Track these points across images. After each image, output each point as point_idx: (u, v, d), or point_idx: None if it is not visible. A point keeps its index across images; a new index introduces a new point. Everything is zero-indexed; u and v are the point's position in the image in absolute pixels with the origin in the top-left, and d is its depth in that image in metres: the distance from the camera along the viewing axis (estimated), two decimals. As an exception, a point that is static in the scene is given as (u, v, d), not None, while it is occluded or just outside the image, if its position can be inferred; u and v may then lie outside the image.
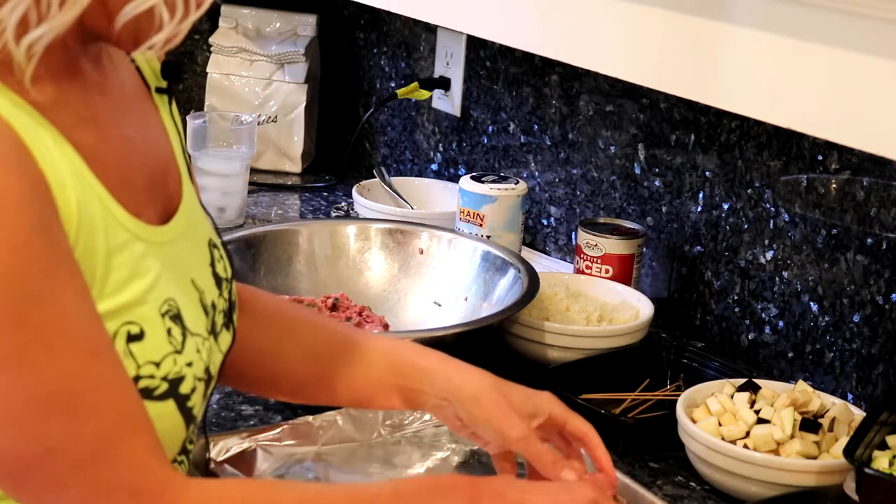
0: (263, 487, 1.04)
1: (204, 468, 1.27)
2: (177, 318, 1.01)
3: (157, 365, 0.98)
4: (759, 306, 1.70)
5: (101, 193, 0.96)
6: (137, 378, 0.97)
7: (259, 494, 0.98)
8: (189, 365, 1.01)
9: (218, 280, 1.12)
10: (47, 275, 0.88)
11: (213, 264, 1.12)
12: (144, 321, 0.98)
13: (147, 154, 1.07)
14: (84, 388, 0.90)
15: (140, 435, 0.93)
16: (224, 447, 1.28)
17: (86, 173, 0.96)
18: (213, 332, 1.08)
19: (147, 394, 0.97)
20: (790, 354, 1.66)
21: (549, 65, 2.00)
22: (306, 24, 2.43)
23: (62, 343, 0.89)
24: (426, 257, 1.76)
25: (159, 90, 1.13)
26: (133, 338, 0.97)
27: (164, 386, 0.99)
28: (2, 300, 0.86)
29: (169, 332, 1.00)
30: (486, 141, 2.17)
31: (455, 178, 2.05)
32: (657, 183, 1.84)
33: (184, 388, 1.00)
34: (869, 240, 1.54)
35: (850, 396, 1.57)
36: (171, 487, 0.93)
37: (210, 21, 2.51)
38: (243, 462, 1.28)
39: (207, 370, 1.05)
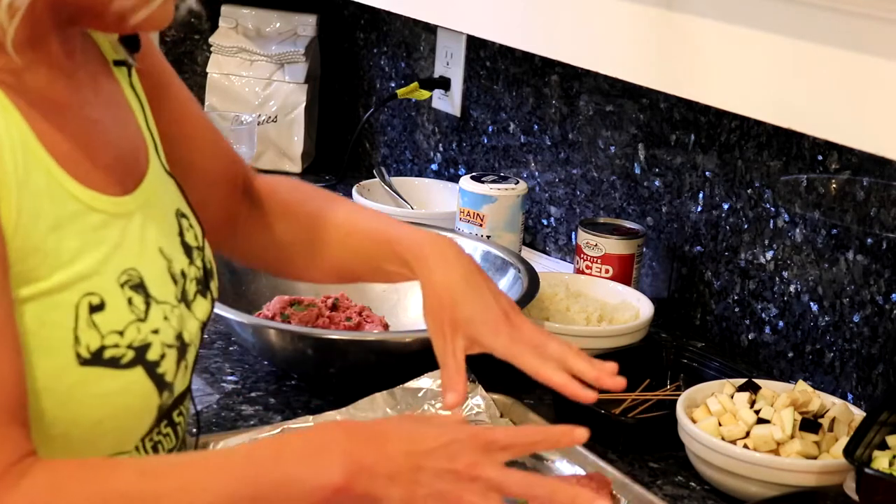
0: (99, 466, 0.95)
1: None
2: (139, 286, 1.01)
3: (121, 334, 0.98)
4: (759, 306, 1.70)
5: (48, 164, 0.97)
6: (103, 348, 0.97)
7: (94, 473, 0.93)
8: (155, 332, 1.01)
9: (188, 249, 1.12)
10: None
11: (181, 233, 1.12)
12: (104, 291, 0.98)
13: (114, 135, 1.07)
14: None
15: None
16: (224, 447, 1.28)
17: (32, 143, 0.96)
18: (183, 300, 1.08)
19: (114, 363, 0.97)
20: (790, 354, 1.66)
21: (549, 65, 2.00)
22: (306, 24, 2.43)
23: None
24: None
25: (117, 63, 1.12)
26: (95, 308, 0.97)
27: (130, 354, 0.99)
28: None
29: (130, 301, 1.00)
30: (486, 141, 2.17)
31: (455, 178, 2.05)
32: (657, 183, 1.84)
33: (151, 355, 1.00)
34: (869, 240, 1.54)
35: (850, 396, 1.57)
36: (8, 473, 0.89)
37: (210, 21, 2.51)
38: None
39: (180, 337, 1.04)
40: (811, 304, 1.63)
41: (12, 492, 0.89)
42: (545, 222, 2.07)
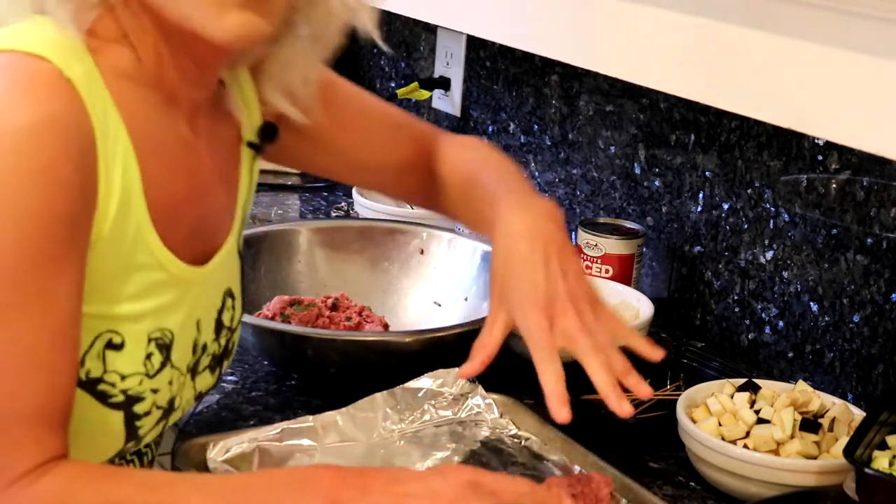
0: (108, 476, 0.98)
1: (203, 468, 1.27)
2: (165, 347, 1.04)
3: (123, 378, 1.01)
4: (759, 306, 1.70)
5: (142, 213, 0.99)
6: (99, 380, 0.99)
7: (102, 482, 0.95)
8: (154, 391, 1.04)
9: (219, 326, 1.14)
10: (54, 259, 0.90)
11: (221, 310, 1.14)
12: (130, 336, 1.00)
13: (206, 205, 1.09)
14: (26, 364, 0.91)
15: (43, 424, 0.93)
16: (224, 447, 1.28)
17: (138, 196, 0.98)
18: (192, 370, 1.11)
19: (102, 397, 1.00)
20: (790, 354, 1.66)
21: (549, 65, 2.00)
22: (306, 24, 2.43)
23: (36, 314, 0.91)
24: (426, 257, 1.76)
25: (250, 144, 1.16)
26: (112, 346, 1.00)
27: (121, 397, 1.01)
28: (11, 252, 0.89)
29: (149, 356, 1.03)
30: (486, 141, 2.17)
31: (455, 178, 2.05)
32: (657, 183, 1.84)
33: (138, 408, 1.03)
34: (869, 240, 1.53)
35: (850, 396, 1.57)
36: (23, 478, 0.92)
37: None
38: (243, 462, 1.28)
39: (171, 401, 1.07)
40: (811, 304, 1.63)
41: (28, 490, 0.91)
42: (545, 222, 2.06)
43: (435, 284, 1.74)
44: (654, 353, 1.11)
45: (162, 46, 1.01)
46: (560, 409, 1.05)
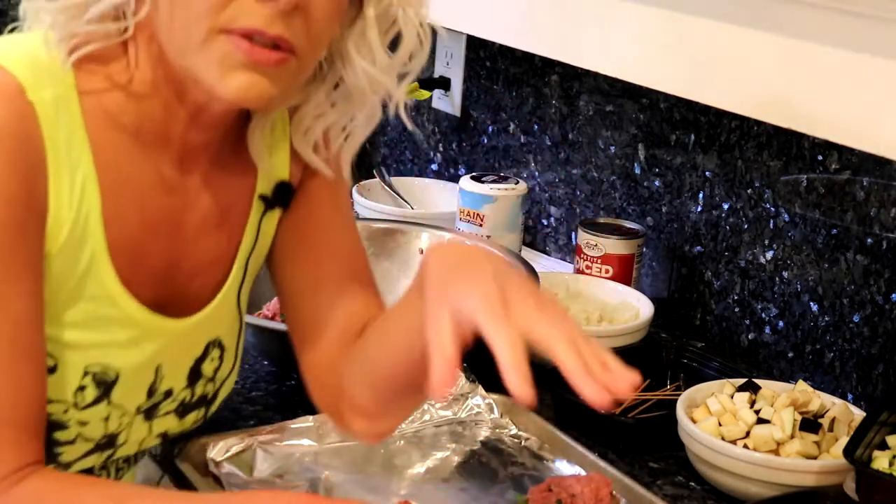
0: (79, 485, 0.99)
1: (203, 468, 1.27)
2: (104, 384, 1.02)
3: (49, 401, 0.99)
4: (759, 306, 1.70)
5: (97, 247, 0.98)
6: None
7: (73, 492, 0.96)
8: (82, 423, 1.02)
9: (195, 374, 1.12)
10: (6, 263, 0.91)
11: (200, 359, 1.11)
12: (63, 362, 0.99)
13: (186, 250, 1.07)
14: None
15: (14, 430, 0.93)
16: (224, 447, 1.28)
17: (95, 225, 0.97)
18: (146, 412, 1.08)
19: None
20: (790, 354, 1.66)
21: (549, 65, 2.00)
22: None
23: None
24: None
25: (262, 197, 1.12)
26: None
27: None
28: None
29: (82, 387, 1.01)
30: (485, 141, 2.17)
31: (455, 178, 2.05)
32: (657, 183, 1.84)
33: (59, 435, 1.01)
34: (869, 240, 1.53)
35: (850, 396, 1.57)
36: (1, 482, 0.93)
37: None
38: (243, 462, 1.28)
39: (112, 437, 1.06)
40: (811, 304, 1.63)
41: (5, 494, 0.92)
42: (545, 222, 2.07)
43: (435, 284, 1.74)
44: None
45: (164, 86, 1.00)
46: (521, 385, 0.89)
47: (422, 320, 0.96)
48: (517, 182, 1.90)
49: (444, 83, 2.24)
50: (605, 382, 0.93)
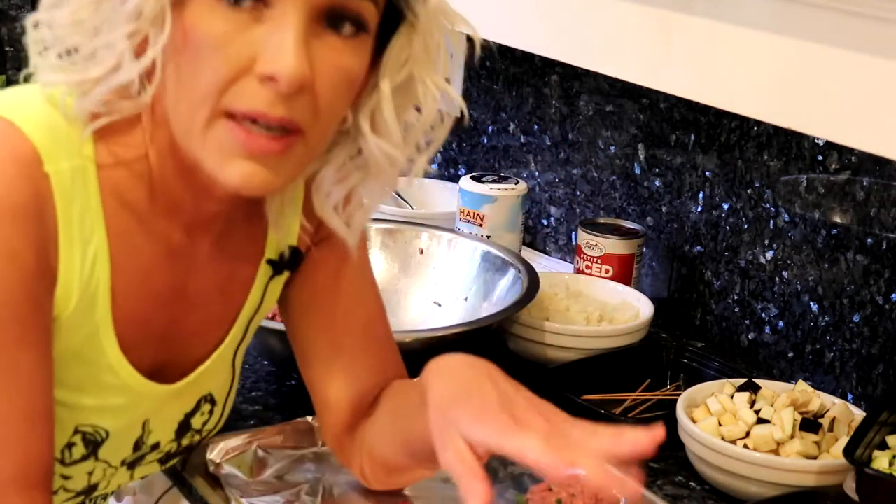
0: None
1: (204, 470, 1.27)
2: (92, 444, 1.03)
3: None
4: (759, 306, 1.70)
5: (102, 318, 0.98)
6: None
7: None
8: (66, 478, 1.03)
9: (184, 428, 1.12)
10: (18, 339, 0.91)
11: (191, 413, 1.12)
12: (58, 419, 0.98)
13: (188, 314, 1.07)
14: (1, 435, 0.92)
15: (27, 495, 0.93)
16: (224, 448, 1.28)
17: (104, 297, 0.97)
18: (130, 464, 1.09)
19: None
20: (790, 354, 1.66)
21: (549, 65, 2.00)
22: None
23: (2, 389, 0.91)
24: (426, 257, 1.76)
25: (270, 262, 1.11)
26: None
27: None
28: None
29: (70, 445, 1.02)
30: (485, 141, 2.17)
31: (455, 178, 2.05)
32: (657, 183, 1.84)
33: None
34: (869, 240, 1.53)
35: (850, 396, 1.57)
36: None
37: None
38: (243, 463, 1.28)
39: (93, 486, 1.06)
40: (811, 304, 1.63)
41: None
42: (545, 222, 2.07)
43: (435, 284, 1.74)
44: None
45: (178, 161, 0.98)
46: (559, 467, 0.91)
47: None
48: (517, 182, 1.90)
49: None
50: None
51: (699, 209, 1.78)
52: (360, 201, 1.07)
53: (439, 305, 1.72)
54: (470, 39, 1.02)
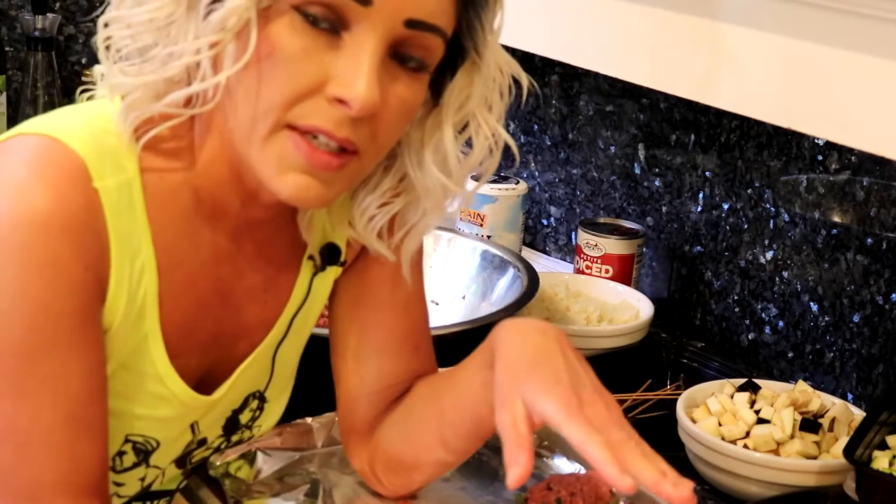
0: None
1: (203, 472, 1.27)
2: (143, 452, 1.04)
3: None
4: (759, 306, 1.70)
5: (151, 328, 0.99)
6: None
7: None
8: (118, 484, 1.04)
9: (232, 425, 1.13)
10: (66, 347, 0.92)
11: (238, 410, 1.13)
12: (110, 427, 0.99)
13: (233, 317, 1.07)
14: (47, 440, 0.93)
15: (75, 499, 0.94)
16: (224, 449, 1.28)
17: (152, 309, 0.98)
18: (179, 461, 1.10)
19: None
20: (790, 354, 1.66)
21: (549, 65, 2.00)
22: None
23: (50, 395, 0.92)
24: (423, 256, 1.75)
25: (311, 258, 1.12)
26: None
27: None
28: (21, 342, 0.90)
29: (120, 454, 1.03)
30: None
31: (455, 178, 2.05)
32: (657, 183, 1.84)
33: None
34: (869, 240, 1.53)
35: (850, 396, 1.57)
36: None
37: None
38: (244, 464, 1.28)
39: (147, 488, 1.08)
40: (811, 304, 1.63)
41: None
42: (545, 222, 2.07)
43: (433, 283, 1.74)
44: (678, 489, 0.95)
45: (226, 167, 0.99)
46: (622, 478, 0.92)
47: (483, 390, 1.03)
48: (517, 182, 1.90)
49: (444, 83, 2.23)
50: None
51: (699, 209, 1.78)
52: (407, 229, 1.09)
53: (437, 304, 1.71)
54: (517, 82, 1.04)
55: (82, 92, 1.00)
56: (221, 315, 1.06)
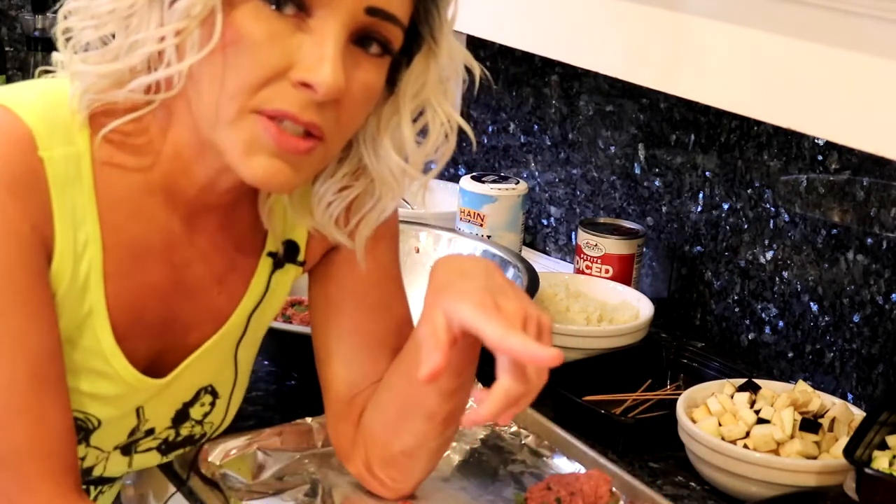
0: None
1: (203, 472, 1.27)
2: (83, 430, 1.03)
3: None
4: (759, 306, 1.70)
5: (96, 303, 0.99)
6: None
7: None
8: None
9: (182, 416, 1.12)
10: (20, 304, 0.92)
11: (190, 403, 1.12)
12: None
13: (185, 305, 1.08)
14: (10, 401, 0.93)
15: (45, 462, 0.94)
16: (223, 450, 1.28)
17: (96, 283, 0.99)
18: (124, 448, 1.09)
19: None
20: (790, 354, 1.66)
21: (549, 65, 2.00)
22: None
23: (9, 354, 0.92)
24: (422, 256, 1.75)
25: (271, 254, 1.13)
26: None
27: None
28: None
29: None
30: (486, 141, 2.17)
31: (455, 178, 2.05)
32: (657, 183, 1.84)
33: None
34: (869, 240, 1.54)
35: (850, 396, 1.57)
36: None
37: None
38: (243, 464, 1.28)
39: (85, 471, 1.07)
40: (811, 304, 1.63)
41: None
42: (545, 222, 2.07)
43: (432, 283, 1.74)
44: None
45: (185, 151, 1.00)
46: (525, 344, 0.96)
47: None
48: (517, 182, 1.90)
49: (444, 83, 2.23)
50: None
51: (699, 209, 1.78)
52: (362, 215, 1.10)
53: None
54: (469, 70, 1.07)
55: (42, 73, 1.01)
56: (173, 301, 1.06)
